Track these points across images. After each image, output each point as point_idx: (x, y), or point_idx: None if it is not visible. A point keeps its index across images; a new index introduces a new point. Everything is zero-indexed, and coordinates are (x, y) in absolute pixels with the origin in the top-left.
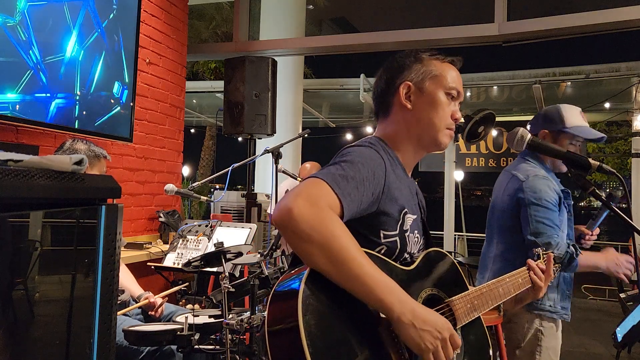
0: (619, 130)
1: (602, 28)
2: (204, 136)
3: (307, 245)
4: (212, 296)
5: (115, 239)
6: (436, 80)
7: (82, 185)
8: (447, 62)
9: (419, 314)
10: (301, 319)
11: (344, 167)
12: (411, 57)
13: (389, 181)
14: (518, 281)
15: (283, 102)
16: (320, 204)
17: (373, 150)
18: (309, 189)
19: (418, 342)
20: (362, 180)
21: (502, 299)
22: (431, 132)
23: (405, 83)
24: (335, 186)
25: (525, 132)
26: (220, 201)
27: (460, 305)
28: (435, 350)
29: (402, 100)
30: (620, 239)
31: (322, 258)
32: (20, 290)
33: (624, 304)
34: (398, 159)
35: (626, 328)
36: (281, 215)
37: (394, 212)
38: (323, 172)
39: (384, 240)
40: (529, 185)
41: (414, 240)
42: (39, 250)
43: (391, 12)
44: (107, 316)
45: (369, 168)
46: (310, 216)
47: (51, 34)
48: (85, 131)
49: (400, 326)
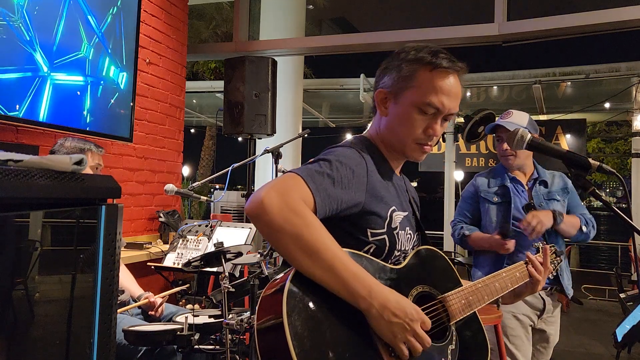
0: (619, 130)
1: (602, 28)
2: (204, 136)
3: (279, 235)
4: (212, 296)
5: (115, 239)
6: (413, 93)
7: (82, 185)
8: (440, 70)
9: (389, 303)
10: (286, 319)
11: (322, 164)
12: (395, 61)
13: (372, 180)
14: (515, 275)
15: (283, 102)
16: (292, 196)
17: (353, 150)
18: (282, 182)
19: (388, 335)
20: (340, 179)
21: (499, 294)
22: (397, 144)
23: (381, 90)
24: (310, 181)
25: (525, 132)
26: (220, 201)
27: (455, 302)
28: (406, 340)
29: (377, 105)
30: (620, 239)
31: (297, 249)
32: (20, 290)
33: (624, 304)
34: (384, 156)
35: (626, 328)
36: (253, 206)
37: (380, 210)
38: (300, 168)
39: (372, 238)
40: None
41: (406, 238)
42: (39, 250)
43: (391, 12)
44: (107, 316)
45: (348, 167)
46: (282, 207)
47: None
48: (86, 131)
49: (370, 318)
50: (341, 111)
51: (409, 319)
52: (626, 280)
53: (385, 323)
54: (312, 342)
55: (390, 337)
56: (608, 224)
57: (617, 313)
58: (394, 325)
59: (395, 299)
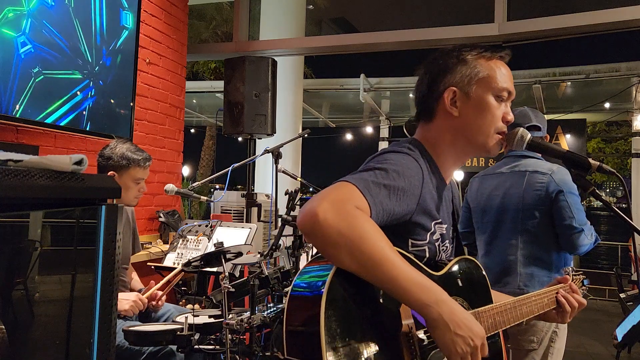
0: (619, 130)
1: (602, 28)
2: (204, 136)
3: (335, 250)
4: (212, 296)
5: (115, 239)
6: (484, 83)
7: (82, 185)
8: (496, 58)
9: (456, 317)
10: (323, 316)
11: (378, 174)
12: (453, 57)
13: (424, 191)
14: (544, 301)
15: (283, 102)
16: (347, 207)
17: (412, 158)
18: (337, 192)
19: (449, 345)
20: (396, 190)
21: (523, 319)
22: (480, 138)
23: (450, 89)
24: (367, 192)
25: (525, 132)
26: (220, 201)
27: (484, 319)
28: (464, 357)
29: (447, 107)
30: (620, 239)
31: (353, 263)
32: (20, 290)
33: (624, 304)
34: (436, 165)
35: (626, 328)
36: (306, 220)
37: (425, 222)
38: (355, 177)
39: (412, 248)
40: (559, 177)
41: (443, 249)
42: (39, 250)
43: (391, 12)
44: (107, 316)
45: (406, 177)
46: (337, 220)
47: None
48: (86, 131)
49: (436, 326)
50: (341, 111)
51: (473, 334)
52: (626, 280)
53: (451, 334)
54: (342, 342)
55: (451, 348)
56: (608, 224)
57: (617, 313)
58: (459, 337)
59: (460, 311)
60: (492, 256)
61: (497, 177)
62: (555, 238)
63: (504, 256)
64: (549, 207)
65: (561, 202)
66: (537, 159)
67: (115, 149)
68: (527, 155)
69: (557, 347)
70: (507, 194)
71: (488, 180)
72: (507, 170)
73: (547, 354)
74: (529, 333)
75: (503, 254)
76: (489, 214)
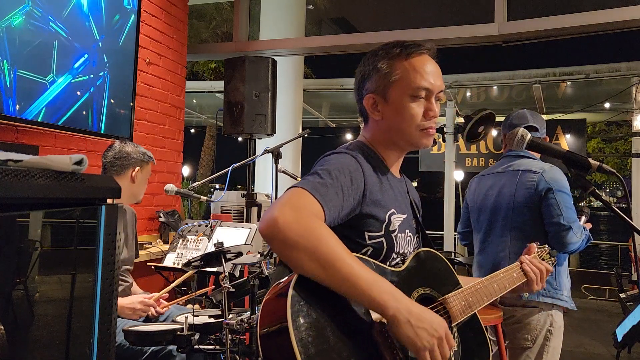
0: (619, 130)
1: (602, 28)
2: (204, 136)
3: (295, 252)
4: (212, 296)
5: (115, 239)
6: (398, 86)
7: (82, 185)
8: (416, 55)
9: (414, 311)
10: (291, 325)
11: (322, 175)
12: (369, 64)
13: (369, 184)
14: (512, 276)
15: (283, 102)
16: (304, 212)
17: (349, 156)
18: (292, 199)
19: (414, 340)
20: (340, 187)
21: (497, 295)
22: (404, 137)
23: (369, 96)
24: (317, 194)
25: (525, 132)
26: (220, 201)
27: (455, 303)
28: (432, 349)
29: (370, 112)
30: (620, 239)
31: (312, 263)
32: (20, 290)
33: (624, 304)
34: (382, 160)
35: (626, 328)
36: (267, 226)
37: (377, 213)
38: (303, 182)
39: (369, 241)
40: (549, 175)
41: (406, 240)
42: (39, 250)
43: (391, 12)
44: (107, 316)
45: (346, 174)
46: (297, 224)
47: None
48: (86, 131)
49: (396, 324)
50: (341, 111)
51: (435, 325)
52: (626, 280)
53: (412, 328)
54: (317, 347)
55: (416, 342)
56: (608, 224)
57: (617, 313)
58: (422, 329)
59: (417, 306)
60: (486, 254)
61: (494, 177)
62: (544, 235)
63: (495, 253)
64: (538, 205)
65: (550, 200)
66: (532, 159)
67: (127, 147)
68: (523, 155)
69: (553, 346)
70: (501, 192)
71: (485, 180)
72: (503, 170)
73: (542, 352)
74: (523, 331)
75: (495, 251)
76: (484, 212)
